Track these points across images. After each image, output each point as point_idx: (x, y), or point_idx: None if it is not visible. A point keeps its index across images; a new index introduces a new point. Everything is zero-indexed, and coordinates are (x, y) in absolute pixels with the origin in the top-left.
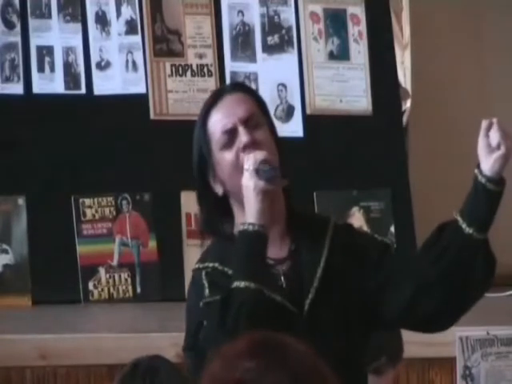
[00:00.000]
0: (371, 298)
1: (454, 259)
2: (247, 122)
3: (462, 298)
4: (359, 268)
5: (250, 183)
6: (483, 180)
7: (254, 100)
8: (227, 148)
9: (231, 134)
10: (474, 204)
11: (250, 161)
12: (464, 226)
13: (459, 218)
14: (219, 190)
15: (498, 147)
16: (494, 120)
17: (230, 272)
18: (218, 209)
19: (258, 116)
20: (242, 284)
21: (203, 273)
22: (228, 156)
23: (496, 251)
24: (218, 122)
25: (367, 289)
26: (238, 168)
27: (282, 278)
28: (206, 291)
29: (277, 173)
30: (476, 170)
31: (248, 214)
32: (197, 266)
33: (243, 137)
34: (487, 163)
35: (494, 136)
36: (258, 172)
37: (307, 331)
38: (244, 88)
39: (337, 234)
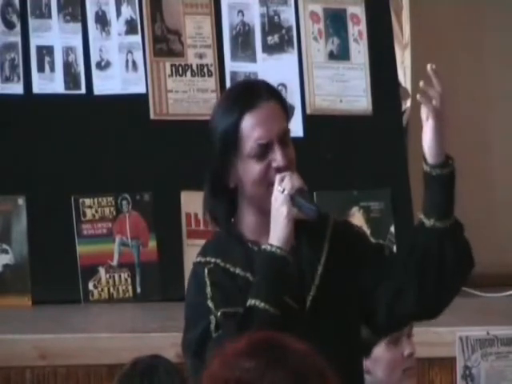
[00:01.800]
0: (367, 294)
1: (423, 253)
2: (282, 140)
3: (442, 286)
4: (356, 264)
5: (283, 208)
6: (428, 169)
7: (283, 109)
8: (258, 159)
9: (265, 148)
10: (428, 194)
11: (285, 184)
12: (425, 219)
13: (420, 214)
14: (232, 183)
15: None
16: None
17: (232, 269)
18: (226, 199)
19: (288, 133)
20: (262, 305)
21: (206, 270)
22: (257, 167)
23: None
24: (253, 129)
25: (363, 285)
26: (263, 182)
27: None
28: (208, 289)
29: (312, 208)
30: (423, 162)
31: (274, 236)
32: (198, 259)
33: (279, 158)
34: (427, 151)
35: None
36: (292, 199)
37: (309, 327)
38: (277, 95)
39: (336, 231)
